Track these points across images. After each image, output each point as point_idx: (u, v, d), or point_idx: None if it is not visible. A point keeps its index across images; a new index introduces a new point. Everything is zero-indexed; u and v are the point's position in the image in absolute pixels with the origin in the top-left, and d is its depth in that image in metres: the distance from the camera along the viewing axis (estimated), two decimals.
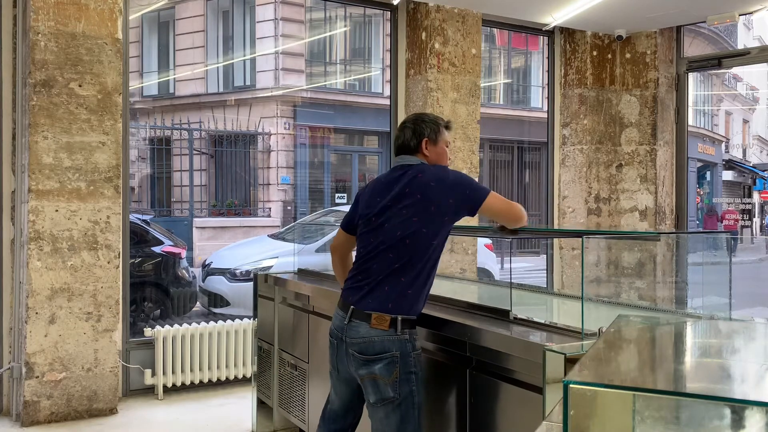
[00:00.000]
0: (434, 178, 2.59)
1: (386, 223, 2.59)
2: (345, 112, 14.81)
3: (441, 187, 2.56)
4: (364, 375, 2.57)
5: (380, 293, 2.56)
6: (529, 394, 2.33)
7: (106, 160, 4.58)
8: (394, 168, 2.71)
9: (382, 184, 2.70)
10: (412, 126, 2.72)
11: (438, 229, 2.57)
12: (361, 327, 2.56)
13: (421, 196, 2.55)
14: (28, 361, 4.37)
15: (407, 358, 2.56)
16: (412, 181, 2.59)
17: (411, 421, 2.57)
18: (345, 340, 2.61)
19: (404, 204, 2.56)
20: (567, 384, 1.21)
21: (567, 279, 6.69)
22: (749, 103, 21.63)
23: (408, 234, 2.54)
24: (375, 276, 2.58)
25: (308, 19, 15.15)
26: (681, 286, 6.07)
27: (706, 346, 1.76)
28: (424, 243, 2.55)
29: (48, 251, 4.41)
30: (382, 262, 2.57)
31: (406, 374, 2.56)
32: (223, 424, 4.49)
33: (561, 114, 6.86)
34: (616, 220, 6.69)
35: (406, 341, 2.57)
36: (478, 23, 5.99)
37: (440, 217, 2.56)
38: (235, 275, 7.92)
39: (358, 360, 2.58)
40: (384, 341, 2.54)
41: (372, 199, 2.69)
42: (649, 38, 6.54)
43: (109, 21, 4.59)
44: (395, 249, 2.55)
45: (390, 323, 2.53)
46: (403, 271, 2.55)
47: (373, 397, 2.58)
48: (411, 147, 2.70)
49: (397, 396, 2.54)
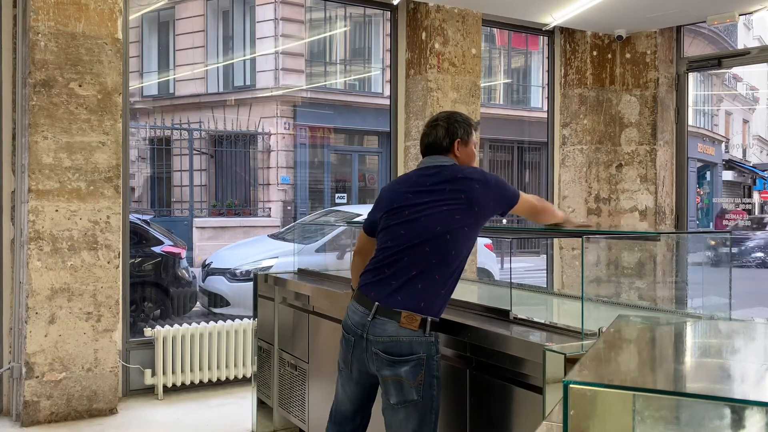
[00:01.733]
0: (478, 179, 2.53)
1: (423, 217, 2.48)
2: (345, 112, 14.81)
3: (484, 189, 2.52)
4: (388, 376, 2.47)
5: (413, 290, 2.44)
6: (529, 394, 2.33)
7: (106, 160, 4.58)
8: (427, 167, 2.62)
9: (412, 180, 2.62)
10: (446, 125, 2.64)
11: (476, 229, 2.54)
12: (388, 325, 2.44)
13: (465, 195, 2.48)
14: (28, 361, 4.37)
15: (432, 361, 2.48)
16: (455, 180, 2.52)
17: (428, 424, 2.50)
18: (367, 337, 2.49)
19: (445, 200, 2.48)
20: (567, 384, 1.21)
21: (567, 279, 6.69)
22: (749, 103, 21.63)
23: (450, 230, 2.45)
24: (406, 272, 2.46)
25: (308, 19, 15.15)
26: (681, 286, 6.07)
27: (706, 346, 1.76)
28: (464, 240, 2.48)
29: (48, 251, 4.41)
30: (416, 257, 2.46)
31: (430, 378, 2.48)
32: (223, 424, 4.49)
33: (561, 114, 6.86)
34: (616, 220, 6.69)
35: (432, 344, 2.48)
36: (478, 23, 5.99)
37: (481, 218, 2.53)
38: (235, 275, 7.92)
39: (383, 360, 2.46)
40: (413, 342, 2.43)
41: (401, 195, 2.59)
42: (649, 38, 6.54)
43: (109, 21, 4.59)
44: (433, 243, 2.45)
45: (420, 324, 2.43)
46: (439, 268, 2.45)
47: (395, 398, 2.48)
48: (443, 146, 2.63)
49: (420, 399, 2.46)
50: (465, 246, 2.50)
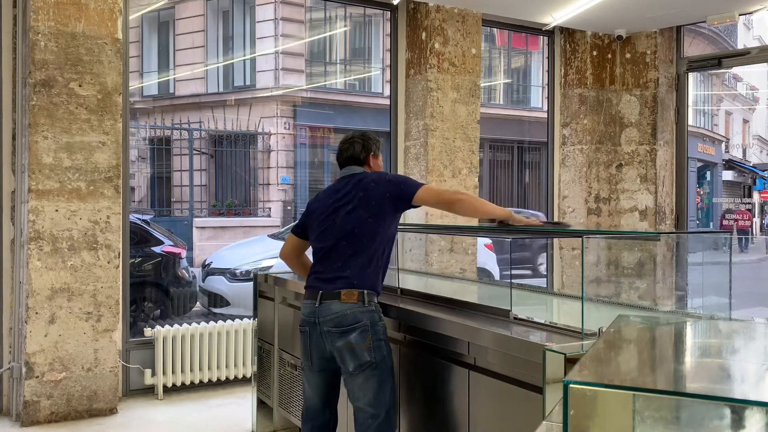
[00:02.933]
0: (373, 179, 3.05)
1: (338, 221, 3.00)
2: (345, 112, 14.81)
3: (378, 185, 3.01)
4: (342, 345, 2.87)
5: (343, 275, 2.93)
6: (529, 394, 2.33)
7: (106, 160, 4.58)
8: (342, 177, 3.14)
9: (332, 191, 3.12)
10: (361, 142, 3.18)
11: (381, 219, 2.98)
12: (332, 305, 2.90)
13: (364, 194, 2.99)
14: (28, 361, 4.37)
15: (376, 327, 2.89)
16: (357, 185, 3.04)
17: (388, 384, 2.89)
18: (318, 321, 2.93)
19: (352, 203, 2.99)
20: (567, 384, 1.21)
21: (567, 279, 6.69)
22: (749, 103, 21.62)
23: (357, 224, 2.96)
24: (335, 263, 2.96)
25: (308, 19, 15.15)
26: (681, 286, 6.07)
27: (706, 346, 1.76)
28: (371, 230, 2.96)
29: (48, 251, 4.41)
30: (339, 251, 2.97)
31: (378, 341, 2.88)
32: (223, 424, 4.49)
33: (561, 114, 6.86)
34: (616, 220, 6.69)
35: (374, 311, 2.91)
36: (478, 23, 5.99)
37: (381, 209, 2.98)
38: (235, 275, 7.92)
39: (334, 334, 2.89)
40: (355, 313, 2.87)
41: (325, 206, 3.08)
42: (649, 38, 6.54)
43: (109, 21, 4.59)
44: (348, 238, 2.96)
45: (358, 297, 2.89)
46: (358, 255, 2.94)
47: (352, 364, 2.86)
48: (360, 159, 3.16)
49: (373, 360, 2.85)
50: (378, 233, 2.97)
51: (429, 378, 2.93)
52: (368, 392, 2.86)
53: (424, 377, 2.98)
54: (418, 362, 3.03)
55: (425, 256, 5.83)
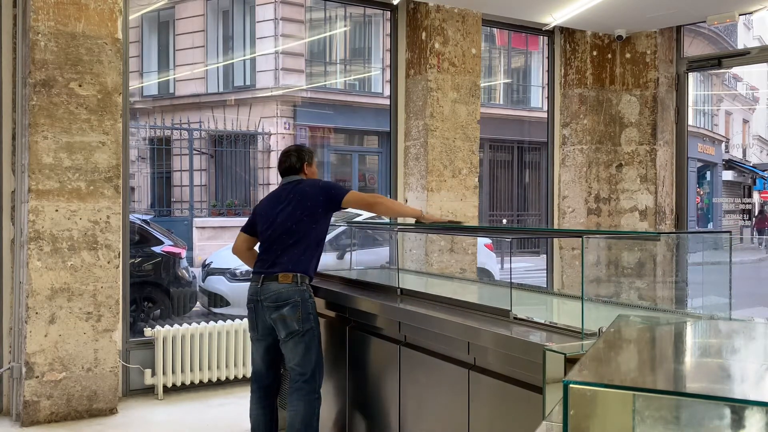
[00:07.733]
0: (308, 185, 3.67)
1: (279, 219, 3.58)
2: (345, 112, 14.81)
3: (312, 189, 3.63)
4: (276, 317, 3.48)
5: (281, 261, 3.52)
6: (529, 394, 2.33)
7: (106, 160, 4.58)
8: (284, 184, 3.71)
9: (275, 196, 3.69)
10: (296, 153, 3.76)
11: (315, 218, 3.56)
12: (272, 285, 3.50)
13: (301, 195, 3.60)
14: (28, 361, 4.37)
15: (306, 303, 3.49)
16: (295, 189, 3.64)
17: (313, 348, 3.50)
18: (260, 299, 3.52)
19: (291, 204, 3.58)
20: (567, 384, 1.21)
21: (567, 279, 6.69)
22: (749, 103, 21.61)
23: (294, 221, 3.54)
24: (276, 253, 3.55)
25: (308, 19, 15.14)
26: (681, 286, 6.07)
27: (706, 346, 1.76)
28: (305, 226, 3.55)
29: (48, 251, 4.41)
30: (279, 243, 3.55)
31: (306, 314, 3.49)
32: (223, 424, 4.49)
33: (561, 114, 6.86)
34: (616, 220, 6.69)
35: (305, 290, 3.52)
36: (478, 23, 5.99)
37: (314, 209, 3.56)
38: (235, 275, 7.92)
39: (271, 308, 3.48)
40: (289, 291, 3.47)
41: (269, 208, 3.67)
42: (649, 38, 6.54)
43: (109, 21, 4.59)
44: (287, 233, 3.55)
45: (292, 279, 3.48)
46: (295, 246, 3.53)
47: (284, 332, 3.48)
48: (297, 168, 3.73)
49: (300, 329, 3.46)
50: (312, 229, 3.56)
51: (429, 378, 2.93)
52: (297, 355, 3.47)
53: (424, 377, 2.98)
54: (418, 362, 3.03)
55: (425, 256, 5.83)
